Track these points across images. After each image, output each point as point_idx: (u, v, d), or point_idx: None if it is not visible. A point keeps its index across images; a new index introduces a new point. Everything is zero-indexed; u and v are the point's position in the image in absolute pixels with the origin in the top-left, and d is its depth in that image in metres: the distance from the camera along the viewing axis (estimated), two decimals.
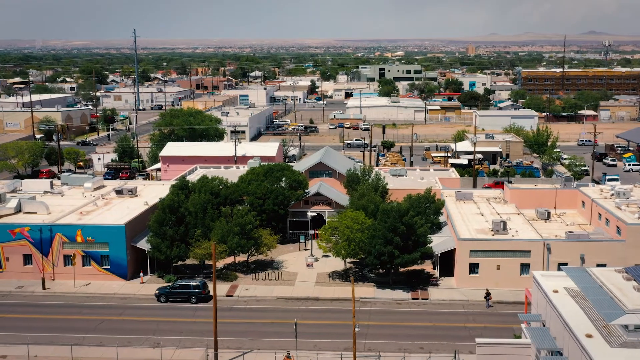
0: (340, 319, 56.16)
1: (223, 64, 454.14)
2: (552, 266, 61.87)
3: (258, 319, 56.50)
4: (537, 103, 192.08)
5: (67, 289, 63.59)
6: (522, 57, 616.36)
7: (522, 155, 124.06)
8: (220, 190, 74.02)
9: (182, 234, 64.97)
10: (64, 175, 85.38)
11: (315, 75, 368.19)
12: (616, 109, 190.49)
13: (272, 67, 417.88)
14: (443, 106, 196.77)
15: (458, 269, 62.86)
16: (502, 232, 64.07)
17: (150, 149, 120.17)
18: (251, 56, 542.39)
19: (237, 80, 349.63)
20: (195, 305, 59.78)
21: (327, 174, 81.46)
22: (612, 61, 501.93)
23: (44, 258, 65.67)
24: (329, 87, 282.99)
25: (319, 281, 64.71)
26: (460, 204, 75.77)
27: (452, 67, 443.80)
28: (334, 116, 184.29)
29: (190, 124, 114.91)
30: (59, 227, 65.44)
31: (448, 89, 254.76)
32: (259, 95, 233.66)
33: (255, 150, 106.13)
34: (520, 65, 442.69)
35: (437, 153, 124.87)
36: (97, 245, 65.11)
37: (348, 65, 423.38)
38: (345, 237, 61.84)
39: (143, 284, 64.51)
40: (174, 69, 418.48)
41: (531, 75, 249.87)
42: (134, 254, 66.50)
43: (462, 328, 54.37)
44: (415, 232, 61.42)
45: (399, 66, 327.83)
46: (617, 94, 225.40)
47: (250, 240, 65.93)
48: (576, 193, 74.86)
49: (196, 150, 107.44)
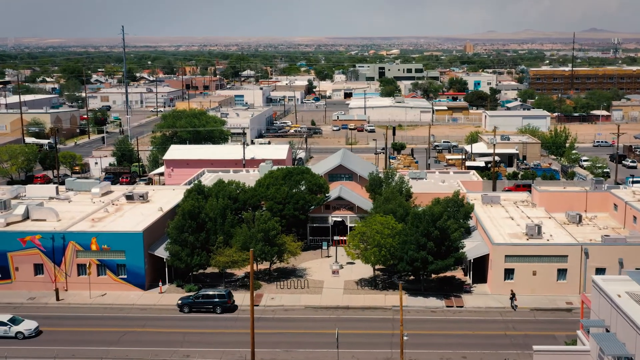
0: (374, 328, 56.64)
1: (212, 63, 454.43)
2: (589, 271, 62.61)
3: (289, 329, 56.88)
4: (547, 103, 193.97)
5: (83, 300, 63.65)
6: (523, 56, 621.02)
7: (539, 157, 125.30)
8: (238, 195, 74.44)
9: (203, 241, 65.23)
10: (69, 180, 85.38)
11: (310, 75, 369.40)
12: (629, 109, 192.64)
13: (263, 66, 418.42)
14: (450, 106, 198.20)
15: (492, 275, 63.57)
16: (537, 236, 64.87)
17: (151, 152, 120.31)
18: (241, 55, 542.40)
19: (229, 80, 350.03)
20: (220, 315, 60.05)
21: (347, 177, 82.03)
22: (616, 59, 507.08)
23: (56, 267, 65.67)
24: (327, 86, 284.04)
25: (347, 289, 65.20)
26: (487, 207, 76.58)
27: (452, 65, 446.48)
28: (337, 117, 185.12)
29: (194, 126, 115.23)
30: (73, 234, 65.50)
31: (452, 89, 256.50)
32: (255, 96, 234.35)
33: (264, 153, 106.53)
34: (522, 64, 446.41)
35: (451, 155, 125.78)
36: (113, 253, 65.22)
37: (344, 64, 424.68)
38: (376, 242, 62.36)
39: (162, 294, 64.69)
40: (160, 68, 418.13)
41: (539, 74, 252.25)
42: (150, 263, 66.66)
43: (503, 336, 55.03)
44: (449, 237, 62.08)
45: (399, 65, 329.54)
46: (628, 93, 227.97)
47: (274, 247, 66.33)
48: (607, 195, 75.89)
49: (202, 154, 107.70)
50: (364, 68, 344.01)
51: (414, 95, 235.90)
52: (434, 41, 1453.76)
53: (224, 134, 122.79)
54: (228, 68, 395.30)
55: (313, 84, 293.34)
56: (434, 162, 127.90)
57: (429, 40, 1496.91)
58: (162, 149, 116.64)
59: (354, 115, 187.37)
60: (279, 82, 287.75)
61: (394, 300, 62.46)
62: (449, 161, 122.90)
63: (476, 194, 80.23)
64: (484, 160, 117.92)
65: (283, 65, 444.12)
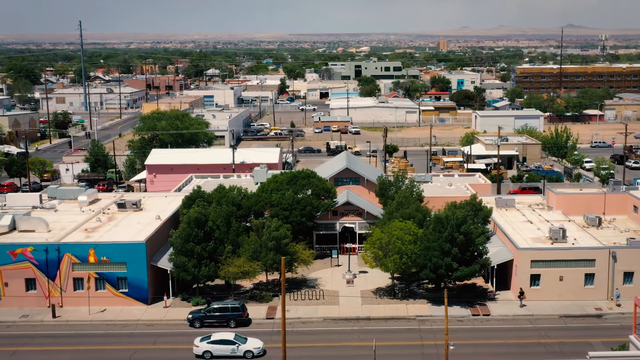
0: (402, 340, 57.62)
1: (171, 61, 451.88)
2: (617, 275, 64.89)
3: (311, 342, 57.50)
4: (538, 102, 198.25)
5: (82, 316, 63.26)
6: (501, 53, 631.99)
7: (540, 158, 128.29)
8: (242, 201, 74.83)
9: (211, 251, 65.44)
10: (51, 188, 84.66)
11: (279, 73, 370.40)
12: (622, 108, 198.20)
13: (228, 64, 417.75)
14: (437, 107, 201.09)
15: (518, 281, 65.20)
16: (562, 240, 66.81)
17: (128, 158, 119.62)
18: (201, 52, 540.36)
19: (193, 79, 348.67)
20: (235, 329, 60.29)
21: (353, 181, 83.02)
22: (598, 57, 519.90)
23: (50, 282, 65.15)
24: (301, 86, 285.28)
25: (365, 299, 66.11)
26: (502, 211, 78.42)
27: (429, 63, 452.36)
28: (319, 119, 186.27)
29: (177, 128, 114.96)
30: (68, 246, 65.06)
31: (434, 88, 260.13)
32: (226, 96, 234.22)
33: (254, 157, 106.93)
34: (501, 62, 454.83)
35: (449, 158, 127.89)
36: (113, 265, 64.99)
37: (314, 62, 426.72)
38: (396, 249, 63.39)
39: (168, 309, 64.69)
40: (115, 67, 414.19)
41: (526, 72, 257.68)
42: (152, 275, 66.58)
43: (537, 344, 56.59)
44: (474, 242, 63.54)
45: (376, 63, 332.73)
46: (619, 91, 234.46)
47: (287, 256, 66.86)
48: (626, 197, 78.39)
49: (187, 158, 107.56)
50: (338, 66, 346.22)
51: (396, 95, 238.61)
52: (405, 38, 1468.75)
53: (209, 137, 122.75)
54: (190, 67, 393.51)
55: (286, 83, 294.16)
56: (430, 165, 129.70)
57: (399, 37, 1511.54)
58: (140, 153, 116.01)
59: (337, 117, 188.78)
60: (249, 82, 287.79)
61: (417, 309, 63.62)
62: (446, 164, 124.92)
63: (489, 197, 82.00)
64: (484, 162, 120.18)
65: (249, 64, 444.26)
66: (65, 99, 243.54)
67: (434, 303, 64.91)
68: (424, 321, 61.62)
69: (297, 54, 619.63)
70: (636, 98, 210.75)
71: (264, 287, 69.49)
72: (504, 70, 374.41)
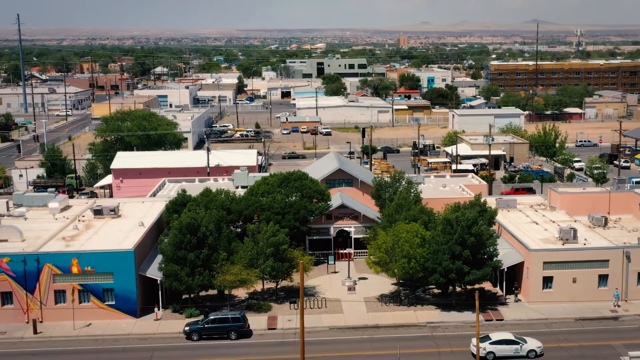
0: (416, 347, 58.80)
1: (113, 59, 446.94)
2: (631, 276, 67.43)
3: (321, 352, 58.23)
4: (515, 100, 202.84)
5: (66, 331, 62.71)
6: (465, 50, 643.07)
7: (527, 158, 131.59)
8: (231, 205, 75.20)
9: (204, 259, 65.62)
10: (17, 194, 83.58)
11: (232, 71, 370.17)
12: (602, 106, 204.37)
13: (176, 62, 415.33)
14: (410, 105, 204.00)
15: (529, 284, 67.15)
16: (573, 240, 69.07)
17: (88, 162, 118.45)
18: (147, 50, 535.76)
19: (139, 78, 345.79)
20: (236, 341, 60.68)
21: (346, 182, 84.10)
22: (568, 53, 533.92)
23: (29, 295, 64.40)
24: (261, 85, 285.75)
25: (370, 307, 67.18)
26: (504, 212, 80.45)
27: (392, 60, 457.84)
28: (286, 119, 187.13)
29: (144, 129, 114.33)
30: (48, 256, 64.43)
31: (403, 86, 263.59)
32: (181, 96, 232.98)
33: (230, 160, 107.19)
34: (468, 58, 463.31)
35: (434, 159, 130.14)
36: (98, 276, 64.60)
37: (269, 59, 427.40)
38: (404, 253, 64.60)
39: (159, 321, 64.61)
40: (52, 66, 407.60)
41: (501, 68, 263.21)
42: (140, 286, 66.39)
43: (558, 349, 58.49)
44: (485, 244, 65.22)
45: (340, 60, 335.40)
46: (596, 89, 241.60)
47: (285, 262, 67.54)
48: (632, 196, 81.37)
49: (156, 161, 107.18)
50: (297, 64, 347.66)
51: (364, 93, 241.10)
52: (362, 34, 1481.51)
53: (178, 139, 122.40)
54: (135, 65, 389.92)
55: (243, 82, 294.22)
56: (411, 167, 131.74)
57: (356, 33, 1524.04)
58: (103, 157, 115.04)
59: (305, 117, 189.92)
60: (204, 81, 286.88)
61: (427, 316, 64.99)
62: (430, 165, 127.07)
63: (490, 198, 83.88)
64: (471, 162, 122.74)
65: (197, 62, 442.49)
66: (2, 100, 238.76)
67: (444, 309, 66.37)
68: (435, 328, 62.99)
69: (248, 51, 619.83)
70: (616, 96, 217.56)
71: (259, 296, 69.95)
72: (472, 67, 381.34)
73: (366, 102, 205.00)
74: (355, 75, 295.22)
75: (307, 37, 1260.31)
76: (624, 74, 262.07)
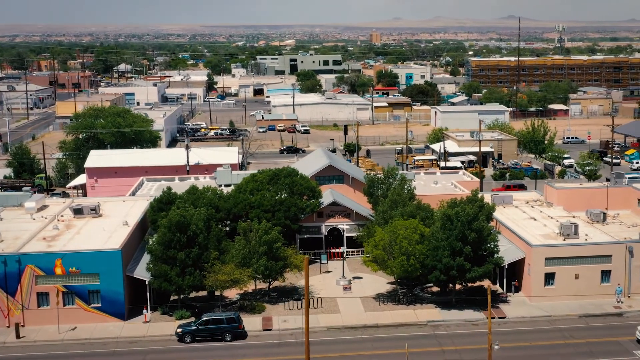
0: (420, 346, 59.45)
1: (72, 56, 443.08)
2: (634, 271, 68.88)
3: (322, 352, 58.61)
4: (498, 97, 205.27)
5: (50, 336, 62.33)
6: (440, 46, 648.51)
7: (516, 155, 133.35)
8: (219, 203, 75.29)
9: (195, 258, 65.63)
10: None
11: (200, 69, 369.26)
12: (587, 103, 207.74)
13: (140, 59, 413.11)
14: (390, 102, 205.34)
15: (531, 281, 68.24)
16: (574, 236, 70.34)
17: (59, 161, 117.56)
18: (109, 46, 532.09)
19: (101, 76, 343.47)
20: (231, 343, 60.84)
21: (337, 179, 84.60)
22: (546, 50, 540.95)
23: (10, 298, 63.87)
24: (232, 82, 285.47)
25: (367, 306, 67.76)
26: (500, 208, 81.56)
27: (366, 57, 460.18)
28: (262, 117, 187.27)
29: (119, 126, 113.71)
30: (30, 256, 63.96)
31: (381, 83, 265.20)
32: (149, 93, 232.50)
33: (211, 158, 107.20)
34: (444, 55, 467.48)
35: (421, 156, 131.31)
36: (84, 277, 64.29)
37: (239, 56, 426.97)
38: (403, 250, 65.21)
39: (148, 324, 64.49)
40: (7, 63, 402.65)
41: (482, 65, 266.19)
42: (127, 287, 66.20)
43: (565, 345, 59.60)
44: (486, 240, 66.15)
45: (314, 57, 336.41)
46: (580, 85, 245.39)
47: (279, 261, 67.83)
48: (630, 191, 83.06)
49: (133, 160, 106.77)
50: (269, 60, 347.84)
51: (341, 90, 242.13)
52: (332, 30, 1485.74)
53: (154, 136, 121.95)
54: (97, 62, 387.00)
55: (213, 79, 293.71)
56: (396, 165, 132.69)
57: (326, 29, 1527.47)
58: (75, 156, 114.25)
59: (282, 115, 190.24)
60: (172, 78, 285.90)
61: (427, 315, 65.75)
62: (417, 162, 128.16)
63: (486, 194, 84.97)
64: (458, 160, 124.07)
65: (162, 59, 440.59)
66: None
67: (444, 307, 67.18)
68: (437, 326, 63.75)
69: (214, 48, 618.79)
70: (601, 92, 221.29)
71: (251, 297, 70.15)
72: (450, 64, 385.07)
73: (344, 99, 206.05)
74: (330, 72, 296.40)
75: (275, 33, 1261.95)
76: (607, 70, 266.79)
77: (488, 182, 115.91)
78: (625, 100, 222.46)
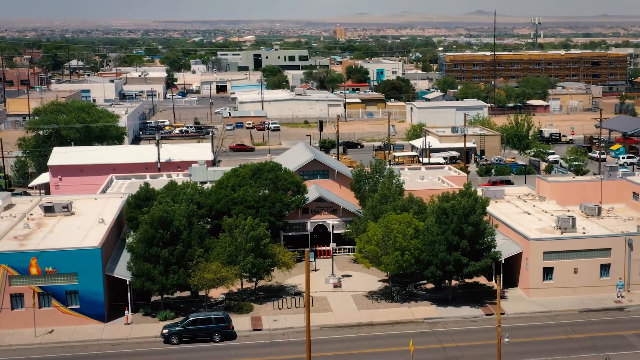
0: (420, 344, 60.01)
1: (18, 52, 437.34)
2: (634, 265, 70.59)
3: (319, 352, 59.02)
4: (475, 92, 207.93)
5: (27, 339, 61.83)
6: (408, 42, 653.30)
7: (499, 150, 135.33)
8: (200, 199, 75.36)
9: (179, 256, 65.61)
10: None
11: (156, 64, 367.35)
12: (567, 98, 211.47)
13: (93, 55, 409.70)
14: (363, 99, 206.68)
15: (529, 276, 69.55)
16: (571, 229, 71.86)
17: (18, 159, 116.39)
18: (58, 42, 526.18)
19: (51, 72, 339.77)
20: (221, 344, 61.01)
21: (321, 174, 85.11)
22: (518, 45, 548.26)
23: None
24: (193, 79, 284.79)
25: (360, 304, 68.45)
26: (492, 203, 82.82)
27: (332, 53, 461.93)
28: (229, 114, 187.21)
29: (84, 122, 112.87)
30: (3, 255, 63.45)
31: (351, 79, 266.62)
32: (105, 90, 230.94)
33: (183, 154, 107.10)
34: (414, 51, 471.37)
35: (401, 152, 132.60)
36: (61, 277, 63.91)
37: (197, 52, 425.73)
38: (397, 245, 65.92)
39: (130, 325, 64.33)
40: None
41: (456, 59, 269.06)
42: (106, 288, 65.93)
43: (568, 340, 60.90)
44: (483, 234, 67.24)
45: (279, 52, 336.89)
46: (557, 80, 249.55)
47: (267, 259, 68.13)
48: (624, 184, 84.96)
49: (99, 157, 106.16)
50: (231, 56, 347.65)
51: (309, 86, 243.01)
52: (293, 26, 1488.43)
53: (121, 132, 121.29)
54: (45, 58, 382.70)
55: (173, 76, 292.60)
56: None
57: (287, 25, 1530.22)
58: (35, 154, 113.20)
59: (249, 111, 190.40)
60: (129, 75, 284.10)
61: (423, 312, 66.63)
62: (397, 159, 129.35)
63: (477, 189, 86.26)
64: (441, 156, 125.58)
65: (117, 55, 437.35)
66: None
67: (439, 304, 68.14)
68: (434, 324, 64.64)
69: (169, 44, 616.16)
70: (581, 87, 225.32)
71: (237, 296, 70.34)
72: (420, 60, 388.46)
73: (315, 95, 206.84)
74: (296, 68, 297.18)
75: (233, 29, 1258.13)
76: (585, 64, 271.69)
77: (473, 177, 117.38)
78: (605, 96, 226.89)
